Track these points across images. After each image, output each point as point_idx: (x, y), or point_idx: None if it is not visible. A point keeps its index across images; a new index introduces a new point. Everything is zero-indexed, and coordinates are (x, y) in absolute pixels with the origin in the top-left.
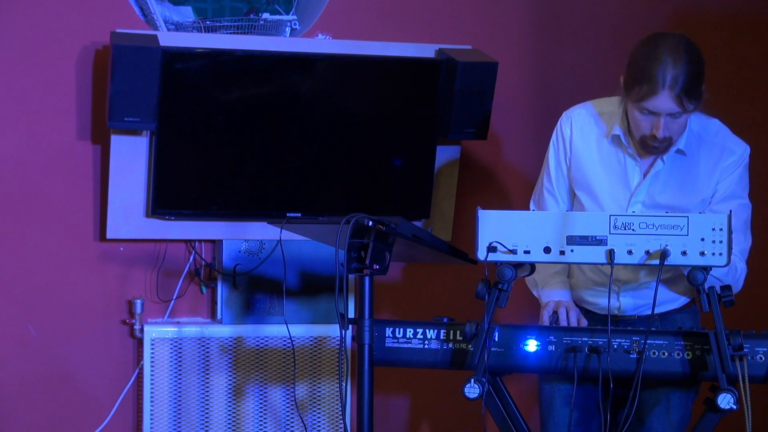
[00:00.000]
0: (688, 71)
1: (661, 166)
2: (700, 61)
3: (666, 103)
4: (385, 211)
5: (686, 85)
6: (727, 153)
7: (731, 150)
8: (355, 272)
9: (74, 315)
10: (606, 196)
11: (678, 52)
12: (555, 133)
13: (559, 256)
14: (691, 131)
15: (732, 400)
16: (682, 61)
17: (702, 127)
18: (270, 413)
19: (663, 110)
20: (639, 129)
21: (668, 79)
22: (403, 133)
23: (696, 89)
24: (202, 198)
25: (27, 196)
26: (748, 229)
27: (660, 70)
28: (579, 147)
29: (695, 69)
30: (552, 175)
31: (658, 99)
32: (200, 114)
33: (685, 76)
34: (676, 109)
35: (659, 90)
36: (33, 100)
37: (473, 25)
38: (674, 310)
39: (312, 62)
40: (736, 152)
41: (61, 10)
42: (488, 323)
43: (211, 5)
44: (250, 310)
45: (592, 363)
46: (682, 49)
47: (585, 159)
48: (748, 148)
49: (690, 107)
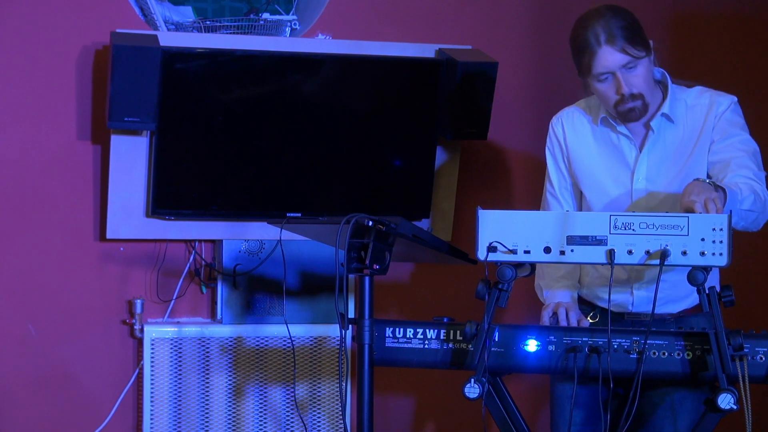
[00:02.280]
0: (616, 21)
1: (653, 135)
2: (628, 12)
3: (611, 57)
4: (385, 211)
5: (620, 32)
6: (714, 105)
7: (718, 102)
8: (355, 272)
9: (74, 315)
10: (608, 180)
11: (600, 12)
12: (548, 138)
13: (559, 256)
14: (676, 99)
15: (732, 400)
16: (607, 16)
17: (686, 94)
18: (270, 413)
19: (612, 66)
20: (608, 99)
21: (601, 35)
22: (403, 133)
23: (634, 35)
24: (202, 198)
25: (27, 196)
26: (760, 163)
27: (591, 33)
28: (573, 142)
29: (624, 18)
30: (553, 179)
31: (601, 57)
32: (200, 114)
33: (615, 26)
34: (623, 59)
35: (597, 49)
36: (33, 100)
37: (473, 25)
38: (690, 312)
39: (312, 62)
40: (723, 102)
41: (61, 10)
42: (488, 323)
43: (211, 5)
44: (250, 310)
45: (592, 363)
46: (604, 8)
47: (582, 151)
48: (735, 97)
49: (636, 53)
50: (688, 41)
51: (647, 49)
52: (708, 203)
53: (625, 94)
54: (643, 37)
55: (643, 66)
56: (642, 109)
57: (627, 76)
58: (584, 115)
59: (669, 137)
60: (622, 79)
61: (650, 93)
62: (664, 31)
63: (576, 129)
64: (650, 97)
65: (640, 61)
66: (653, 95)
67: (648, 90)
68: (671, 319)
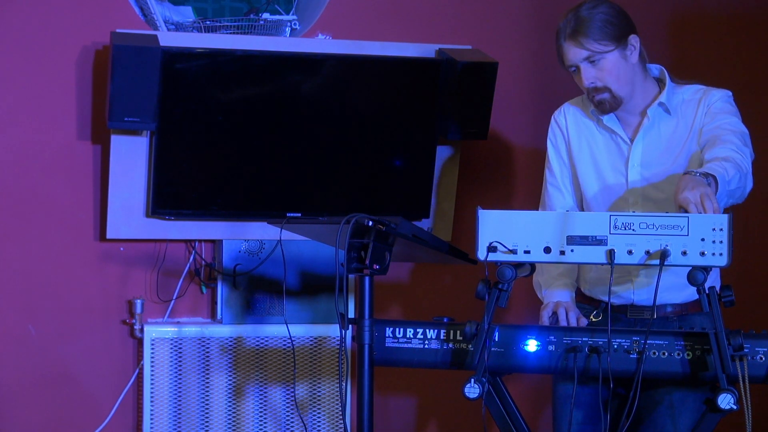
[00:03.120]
0: (582, 15)
1: (648, 122)
2: (602, 4)
3: (571, 51)
4: (385, 211)
5: (583, 27)
6: (707, 96)
7: (711, 93)
8: (355, 272)
9: (74, 315)
10: (606, 167)
11: (574, 7)
12: (550, 129)
13: (559, 256)
14: (673, 92)
15: (732, 400)
16: (577, 10)
17: (684, 90)
18: (270, 413)
19: (574, 60)
20: (583, 91)
21: (566, 29)
22: (403, 133)
23: (599, 29)
24: (202, 198)
25: (27, 196)
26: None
27: (560, 27)
28: (574, 133)
29: (592, 12)
30: (555, 169)
31: (565, 51)
32: (200, 114)
33: (579, 21)
34: (583, 53)
35: (562, 42)
36: (33, 100)
37: (473, 25)
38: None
39: (312, 62)
40: (715, 94)
41: (61, 10)
42: (488, 323)
43: (211, 5)
44: (250, 310)
45: (592, 363)
46: (582, 2)
47: (581, 142)
48: (729, 91)
49: (599, 47)
50: (688, 41)
51: (618, 42)
52: (704, 200)
53: (587, 87)
54: (613, 31)
55: (609, 60)
56: (611, 101)
57: (590, 69)
58: (580, 108)
59: (664, 126)
60: (583, 72)
61: (622, 85)
62: (664, 31)
63: (577, 121)
64: (624, 88)
65: (606, 54)
66: (633, 87)
67: (617, 83)
68: (674, 317)
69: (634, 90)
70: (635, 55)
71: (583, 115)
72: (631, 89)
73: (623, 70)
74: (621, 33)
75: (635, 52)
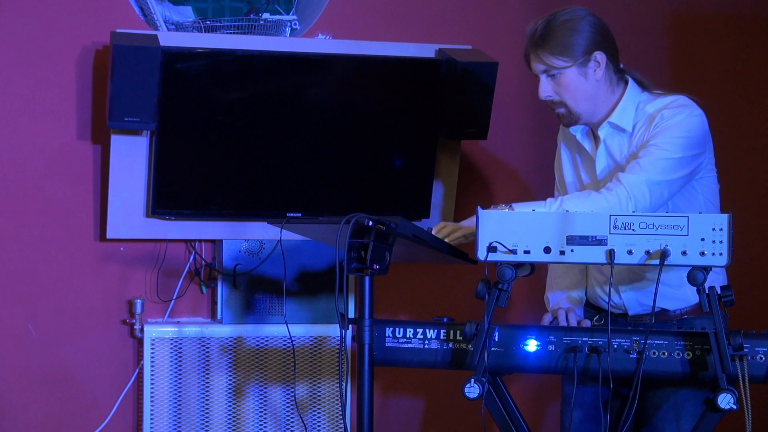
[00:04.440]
0: (544, 27)
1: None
2: (572, 17)
3: (533, 63)
4: (385, 211)
5: (543, 40)
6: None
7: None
8: (355, 272)
9: (74, 315)
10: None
11: (544, 16)
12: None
13: (559, 256)
14: (633, 108)
15: (732, 400)
16: (543, 21)
17: (656, 102)
18: (270, 413)
19: (534, 69)
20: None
21: (532, 38)
22: (403, 133)
23: (556, 43)
24: (202, 198)
25: (27, 196)
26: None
27: (528, 31)
28: (563, 143)
29: (556, 24)
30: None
31: (529, 59)
32: (200, 114)
33: (542, 33)
34: (541, 67)
35: (526, 50)
36: (33, 100)
37: (473, 25)
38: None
39: (312, 62)
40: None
41: (61, 10)
42: (488, 323)
43: (211, 5)
44: (250, 310)
45: (592, 363)
46: (554, 12)
47: (567, 152)
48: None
49: (558, 63)
50: (688, 41)
51: (578, 59)
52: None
53: (542, 99)
54: (573, 46)
55: (567, 76)
56: (568, 115)
57: (548, 83)
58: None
59: (618, 143)
60: (540, 83)
61: (579, 102)
62: (664, 31)
63: (564, 135)
64: (580, 105)
65: (564, 70)
66: (593, 103)
67: (572, 99)
68: (673, 322)
69: (596, 106)
70: (600, 72)
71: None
72: (592, 106)
73: (581, 87)
74: (584, 49)
75: (599, 69)
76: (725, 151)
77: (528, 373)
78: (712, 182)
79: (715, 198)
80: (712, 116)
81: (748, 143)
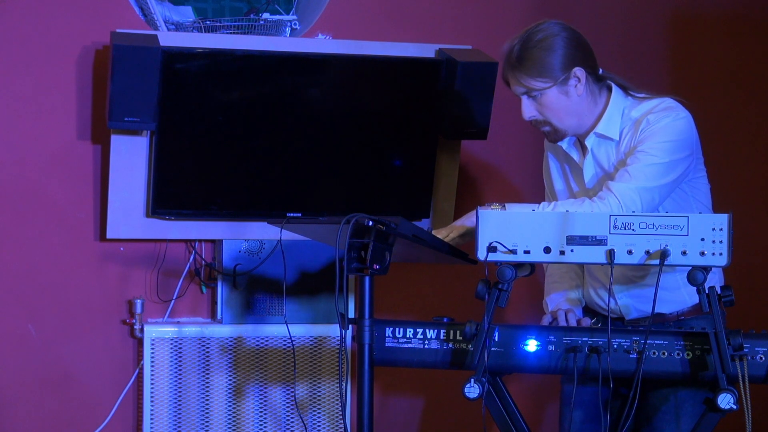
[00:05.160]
0: (519, 48)
1: (588, 152)
2: (547, 36)
3: (511, 84)
4: (385, 211)
5: (520, 60)
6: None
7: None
8: (355, 272)
9: (74, 315)
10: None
11: (521, 33)
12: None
13: (559, 256)
14: (618, 115)
15: (732, 400)
16: (519, 38)
17: (641, 107)
18: (270, 413)
19: (515, 91)
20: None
21: (509, 59)
22: (403, 133)
23: (532, 65)
24: (202, 198)
25: (27, 196)
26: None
27: (503, 52)
28: (551, 153)
29: (530, 44)
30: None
31: (507, 79)
32: (200, 114)
33: (520, 52)
34: (521, 89)
35: (503, 70)
36: (33, 100)
37: (473, 25)
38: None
39: (312, 62)
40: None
41: (61, 10)
42: (488, 323)
43: (211, 5)
44: (250, 310)
45: (592, 363)
46: (527, 30)
47: (555, 162)
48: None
49: (532, 83)
50: (688, 41)
51: (557, 78)
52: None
53: (526, 120)
54: (551, 67)
55: (548, 96)
56: (553, 133)
57: (530, 104)
58: None
59: (605, 151)
60: (522, 105)
61: (563, 119)
62: (664, 31)
63: (551, 144)
64: (565, 122)
65: (545, 91)
66: (579, 118)
67: (557, 118)
68: (670, 324)
69: (581, 120)
70: (581, 88)
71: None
72: (576, 121)
73: (564, 105)
74: (562, 67)
75: (580, 85)
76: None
77: (528, 373)
78: (702, 182)
79: (707, 198)
80: (712, 116)
81: (747, 143)
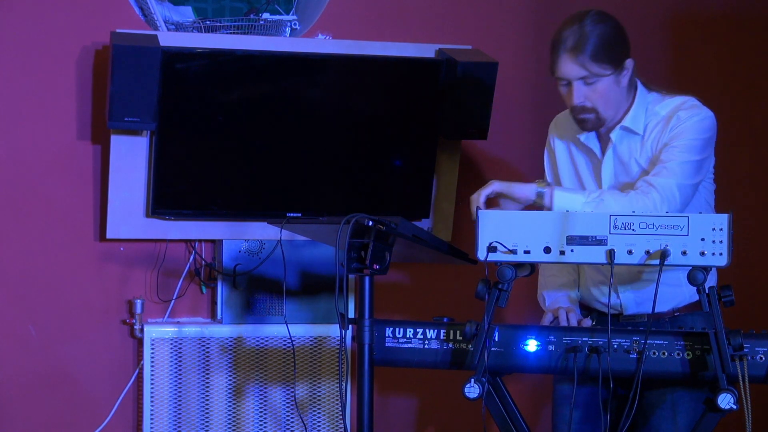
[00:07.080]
0: (590, 32)
1: (612, 145)
2: (607, 23)
3: (569, 66)
4: (385, 211)
5: (587, 46)
6: (677, 115)
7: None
8: (355, 272)
9: (74, 315)
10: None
11: (580, 17)
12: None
13: (559, 256)
14: (644, 110)
15: (732, 400)
16: (584, 24)
17: (666, 104)
18: (270, 413)
19: (569, 75)
20: (566, 103)
21: (567, 41)
22: (403, 133)
23: (602, 51)
24: (202, 198)
25: (27, 196)
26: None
27: (561, 35)
28: (559, 145)
29: (601, 30)
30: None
31: (561, 64)
32: (200, 114)
33: (585, 37)
34: (581, 72)
35: (561, 54)
36: (33, 100)
37: (473, 25)
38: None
39: (312, 62)
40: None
41: (61, 10)
42: (488, 323)
43: (211, 5)
44: (250, 310)
45: (592, 363)
46: (588, 14)
47: (563, 155)
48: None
49: (598, 70)
50: (688, 41)
51: (616, 66)
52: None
53: (575, 105)
54: (614, 55)
55: (604, 83)
56: (595, 121)
57: (583, 89)
58: (569, 121)
59: (630, 146)
60: (575, 90)
61: (609, 108)
62: (664, 31)
63: (562, 133)
64: (609, 111)
65: (602, 78)
66: (617, 109)
67: (605, 106)
68: (666, 320)
69: (617, 111)
70: (626, 79)
71: (570, 128)
72: (615, 111)
73: (614, 94)
74: (620, 57)
75: (627, 76)
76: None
77: (528, 373)
78: (709, 182)
79: (711, 198)
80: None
81: (748, 143)
